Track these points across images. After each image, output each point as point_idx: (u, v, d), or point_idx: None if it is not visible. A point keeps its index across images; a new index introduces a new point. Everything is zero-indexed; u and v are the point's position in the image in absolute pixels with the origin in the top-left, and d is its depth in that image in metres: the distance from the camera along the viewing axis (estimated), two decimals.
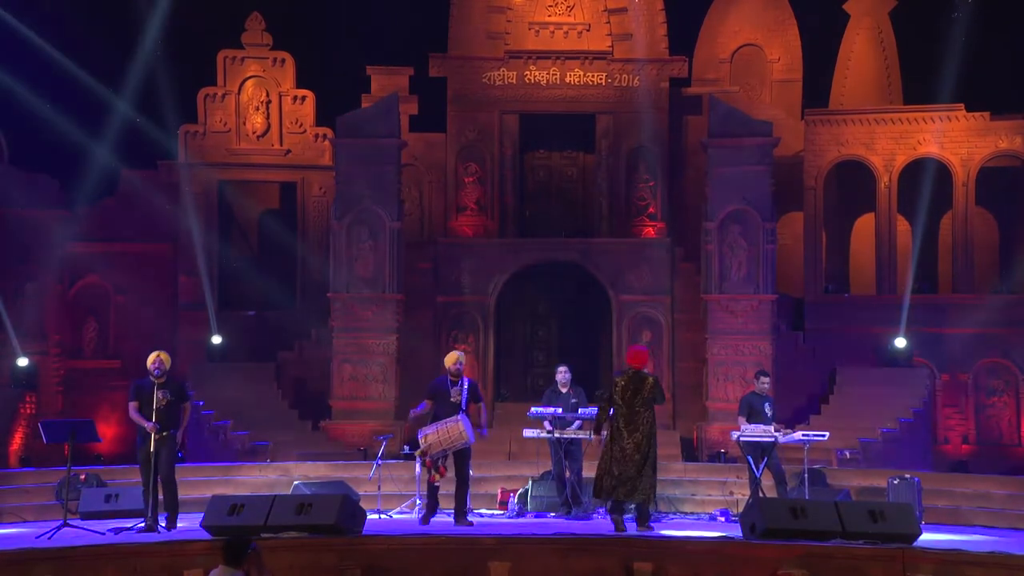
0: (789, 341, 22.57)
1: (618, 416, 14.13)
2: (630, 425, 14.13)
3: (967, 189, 23.52)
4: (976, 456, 22.26)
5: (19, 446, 21.76)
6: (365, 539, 13.35)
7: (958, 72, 22.65)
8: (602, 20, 23.94)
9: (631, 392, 14.15)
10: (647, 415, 14.16)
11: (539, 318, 23.61)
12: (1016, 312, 23.02)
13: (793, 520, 13.23)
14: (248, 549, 10.79)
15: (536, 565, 12.72)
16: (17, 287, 22.95)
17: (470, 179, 24.02)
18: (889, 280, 23.57)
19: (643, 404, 14.16)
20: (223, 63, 24.37)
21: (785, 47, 25.61)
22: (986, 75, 23.21)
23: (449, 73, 24.00)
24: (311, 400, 22.37)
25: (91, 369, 23.09)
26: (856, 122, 23.93)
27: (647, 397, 14.18)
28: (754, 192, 21.86)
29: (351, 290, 21.99)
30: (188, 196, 23.49)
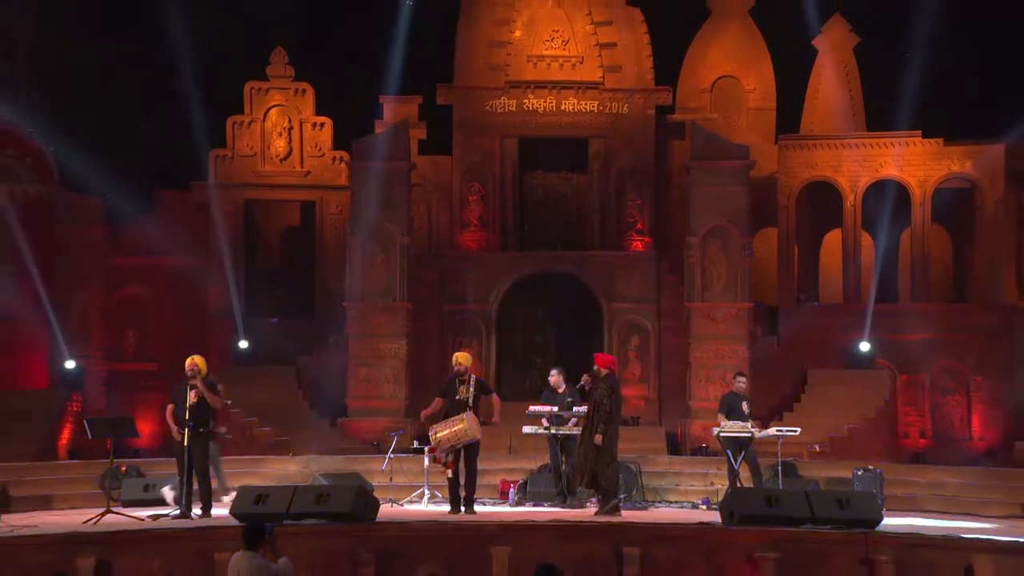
0: (764, 345, 22.62)
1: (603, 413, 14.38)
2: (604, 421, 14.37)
3: (924, 208, 23.64)
4: (932, 449, 22.34)
5: (67, 441, 21.75)
6: (378, 526, 13.40)
7: (915, 102, 22.76)
8: (594, 53, 23.97)
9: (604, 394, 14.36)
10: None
11: (537, 324, 23.58)
12: (968, 319, 23.15)
13: (768, 508, 13.34)
14: (264, 534, 10.92)
15: (534, 550, 12.69)
16: (65, 297, 22.95)
17: (474, 197, 24.04)
18: (855, 290, 23.63)
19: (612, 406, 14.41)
20: (249, 93, 24.43)
21: (760, 79, 25.66)
22: (940, 105, 23.24)
23: (455, 101, 24.08)
24: (328, 400, 22.35)
25: (130, 371, 23.14)
26: (824, 147, 24.00)
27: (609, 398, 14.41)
28: (732, 210, 21.91)
29: (365, 299, 22.03)
30: (218, 214, 23.55)
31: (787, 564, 12.60)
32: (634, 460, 17.79)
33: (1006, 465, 20.67)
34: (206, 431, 14.46)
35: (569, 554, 12.70)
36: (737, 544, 12.95)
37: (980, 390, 22.89)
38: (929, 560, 12.86)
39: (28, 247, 22.55)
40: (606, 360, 14.79)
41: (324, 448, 20.19)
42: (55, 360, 22.74)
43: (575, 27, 24.02)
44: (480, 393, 14.71)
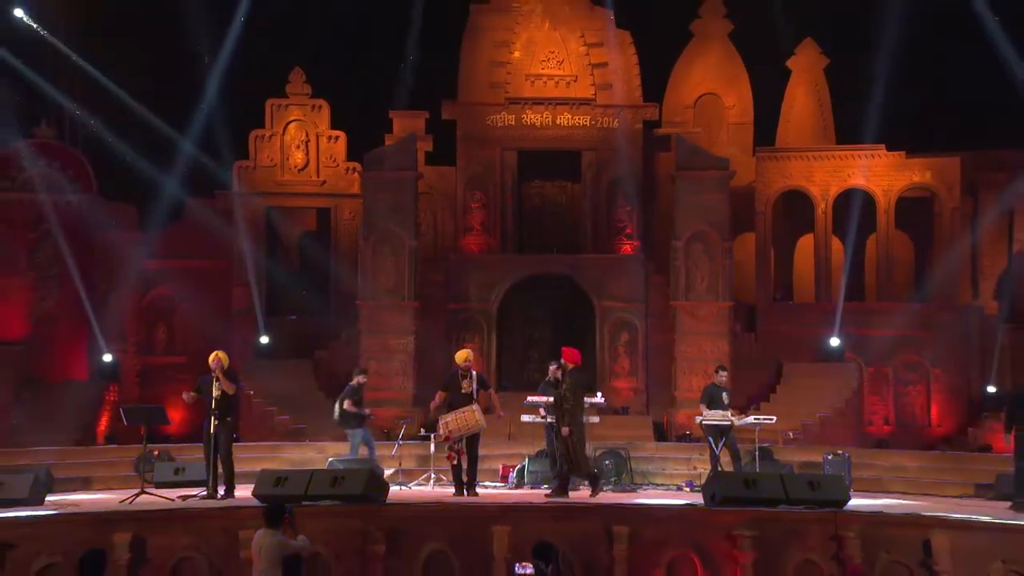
0: (743, 340, 22.67)
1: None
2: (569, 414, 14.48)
3: (888, 215, 23.72)
4: (895, 435, 22.42)
5: (105, 427, 21.90)
6: (388, 507, 13.47)
7: (880, 118, 22.78)
8: (587, 72, 23.99)
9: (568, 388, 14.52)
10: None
11: (534, 322, 23.55)
12: (928, 317, 23.18)
13: (746, 490, 13.45)
14: (284, 513, 11.04)
15: (531, 528, 12.75)
16: (103, 297, 23.08)
17: (476, 205, 24.04)
18: (826, 290, 23.67)
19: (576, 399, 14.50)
20: (270, 109, 24.48)
21: (739, 96, 25.67)
22: (903, 120, 23.28)
23: (458, 116, 24.10)
24: (342, 391, 22.33)
25: (161, 364, 23.20)
26: (798, 158, 24.09)
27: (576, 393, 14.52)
28: (714, 216, 21.99)
29: (376, 299, 22.07)
30: (241, 220, 23.56)
31: (764, 541, 12.73)
32: (623, 446, 17.90)
33: (961, 450, 20.83)
34: (232, 420, 14.59)
35: (564, 532, 12.78)
36: (718, 523, 13.03)
37: (938, 381, 22.94)
38: (891, 536, 13.03)
39: (70, 251, 22.71)
40: (573, 355, 14.79)
41: (338, 435, 20.08)
42: (94, 354, 22.89)
43: (569, 48, 24.04)
44: (480, 387, 14.83)
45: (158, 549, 12.83)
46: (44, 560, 12.56)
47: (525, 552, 11.32)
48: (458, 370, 14.90)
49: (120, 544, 12.55)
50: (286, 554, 10.24)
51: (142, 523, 12.93)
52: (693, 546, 12.97)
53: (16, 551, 12.56)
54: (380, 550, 12.80)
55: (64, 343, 23.10)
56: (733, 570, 12.79)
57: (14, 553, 12.55)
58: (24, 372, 22.46)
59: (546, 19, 24.05)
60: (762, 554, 12.70)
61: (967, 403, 22.70)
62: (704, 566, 12.90)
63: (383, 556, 12.81)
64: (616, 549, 12.82)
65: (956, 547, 12.78)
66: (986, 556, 12.72)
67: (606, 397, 18.27)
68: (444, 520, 13.32)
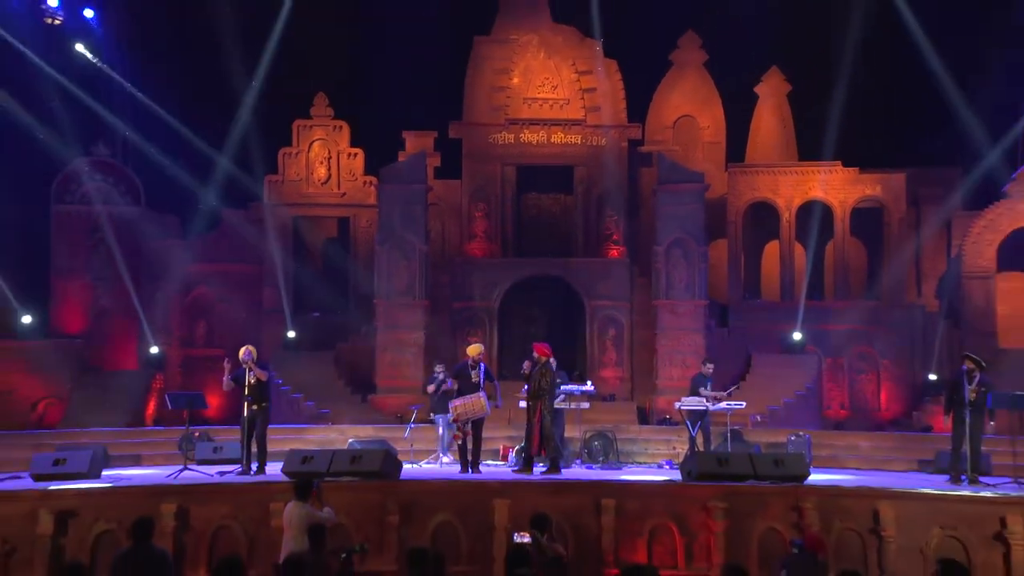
0: (717, 335, 22.71)
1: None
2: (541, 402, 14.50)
3: (843, 224, 23.79)
4: (849, 418, 22.49)
5: (152, 411, 21.98)
6: (402, 483, 13.60)
7: (837, 138, 22.81)
8: (578, 96, 24.04)
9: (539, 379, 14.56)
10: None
11: (532, 318, 23.51)
12: (878, 314, 23.24)
13: (719, 467, 13.60)
14: (312, 487, 11.16)
15: (528, 502, 12.77)
16: (150, 296, 23.18)
17: (479, 214, 24.07)
18: (789, 290, 23.71)
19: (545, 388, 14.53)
20: (297, 130, 24.54)
21: (712, 118, 25.71)
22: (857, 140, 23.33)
23: (464, 135, 24.14)
24: (360, 380, 22.41)
25: (201, 356, 23.26)
26: (765, 173, 24.12)
27: (546, 383, 14.57)
28: (691, 225, 22.05)
29: (390, 298, 22.07)
30: (270, 229, 23.64)
31: (734, 512, 12.88)
32: (610, 429, 17.96)
33: (906, 431, 20.97)
34: (266, 405, 14.67)
35: (557, 505, 12.84)
36: (694, 496, 13.16)
37: (887, 371, 22.99)
38: (845, 506, 13.17)
39: (121, 256, 22.84)
40: (543, 349, 14.83)
41: (357, 419, 20.41)
42: (142, 347, 23.00)
43: (562, 75, 24.11)
44: (486, 379, 14.94)
45: (199, 518, 12.98)
46: (101, 526, 12.73)
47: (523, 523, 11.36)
48: (468, 361, 14.98)
49: (166, 513, 12.69)
50: (313, 523, 10.31)
51: (185, 495, 13.10)
52: (672, 516, 13.10)
53: (77, 518, 12.76)
54: (395, 520, 12.94)
55: (117, 337, 23.21)
56: (707, 537, 12.94)
57: (76, 520, 12.75)
58: (83, 362, 22.55)
59: (541, 49, 24.12)
60: (732, 523, 12.84)
61: (911, 389, 22.74)
62: (681, 534, 13.05)
63: (397, 525, 12.94)
64: (604, 519, 12.94)
65: (900, 515, 12.94)
66: (926, 523, 12.88)
67: (595, 385, 18.30)
68: (451, 494, 13.41)
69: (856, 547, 12.89)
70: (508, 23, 24.28)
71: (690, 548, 12.99)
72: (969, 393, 14.34)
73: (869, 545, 12.90)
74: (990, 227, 22.47)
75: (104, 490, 13.31)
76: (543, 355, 14.71)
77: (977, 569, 11.67)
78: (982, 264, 22.53)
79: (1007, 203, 22.44)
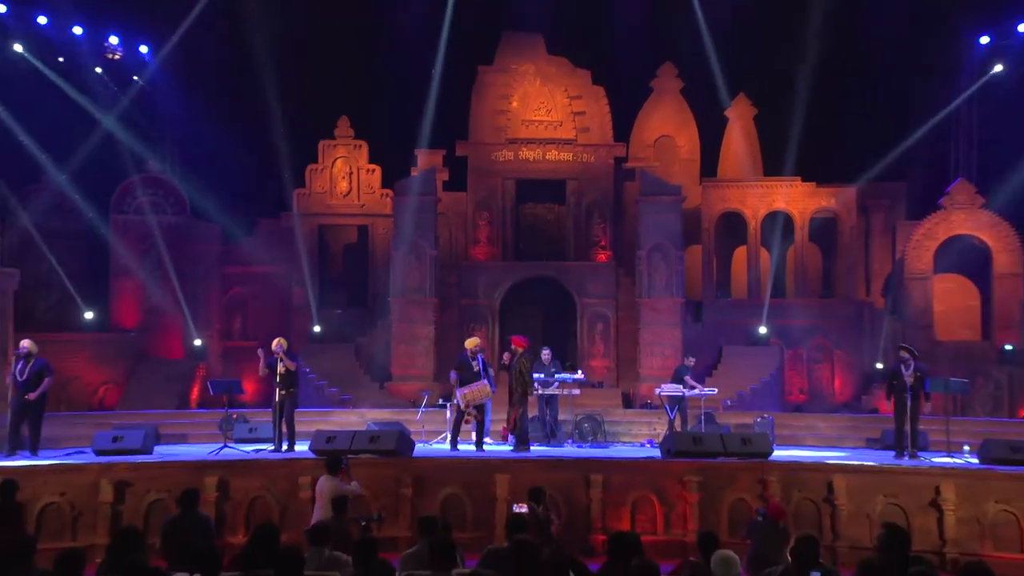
0: (692, 329, 22.74)
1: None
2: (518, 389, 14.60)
3: (803, 231, 23.81)
4: (808, 402, 22.54)
5: (196, 395, 22.01)
6: (414, 460, 13.72)
7: (796, 156, 22.92)
8: (570, 118, 24.09)
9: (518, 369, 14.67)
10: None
11: (529, 314, 23.50)
12: (832, 310, 23.27)
13: (694, 445, 13.73)
14: (342, 464, 11.26)
15: (526, 476, 12.92)
16: (194, 294, 23.19)
17: (483, 222, 24.11)
18: (756, 289, 23.74)
19: (522, 377, 14.66)
20: (322, 148, 24.55)
21: (688, 138, 25.73)
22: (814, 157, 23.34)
23: (469, 153, 24.18)
24: (378, 368, 22.42)
25: (238, 347, 23.24)
26: (734, 187, 24.13)
27: (525, 372, 14.69)
28: (669, 232, 22.07)
29: (404, 296, 22.09)
30: (299, 235, 23.65)
31: (707, 484, 13.09)
32: (598, 412, 18.11)
33: (856, 412, 21.08)
34: (294, 391, 14.74)
35: (552, 479, 12.99)
36: (672, 471, 13.31)
37: (840, 360, 23.02)
38: (803, 479, 13.30)
39: (169, 259, 22.87)
40: (521, 341, 14.90)
41: (375, 404, 20.53)
42: (187, 339, 22.99)
43: (555, 100, 24.17)
44: (485, 369, 15.03)
45: (238, 489, 13.11)
46: (153, 495, 12.86)
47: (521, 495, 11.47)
48: (467, 353, 15.08)
49: (209, 485, 12.82)
50: (338, 495, 10.42)
51: (225, 469, 13.24)
52: (653, 489, 13.26)
53: (133, 488, 12.90)
54: (408, 492, 13.10)
55: (166, 330, 23.15)
56: (683, 507, 13.10)
57: (131, 489, 12.89)
58: (137, 352, 22.58)
59: (537, 78, 24.18)
60: (705, 495, 13.02)
61: (861, 376, 22.77)
62: (661, 504, 13.23)
63: (411, 497, 13.10)
64: (592, 492, 13.11)
65: (851, 486, 13.08)
66: (872, 492, 13.03)
67: (585, 374, 18.46)
68: (458, 470, 13.54)
69: (812, 514, 13.03)
70: (508, 54, 24.36)
71: (668, 517, 13.16)
72: (907, 379, 14.49)
73: (823, 512, 13.05)
74: (928, 235, 22.53)
75: (155, 464, 13.42)
76: (519, 347, 14.76)
77: (915, 532, 11.82)
78: (921, 267, 22.55)
79: (942, 214, 22.51)
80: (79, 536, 12.44)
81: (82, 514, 12.70)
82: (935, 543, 12.45)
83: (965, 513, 12.56)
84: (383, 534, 11.67)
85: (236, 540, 12.02)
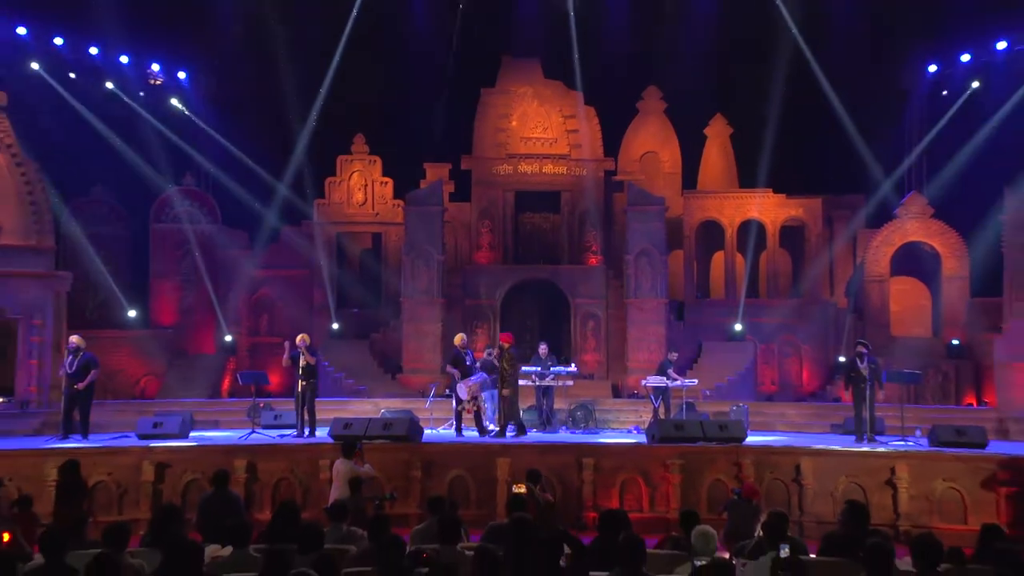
0: (675, 327, 22.74)
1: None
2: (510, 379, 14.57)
3: (774, 238, 23.82)
4: (778, 392, 22.52)
5: (227, 386, 22.10)
6: (423, 445, 13.86)
7: (768, 169, 22.92)
8: (564, 136, 24.05)
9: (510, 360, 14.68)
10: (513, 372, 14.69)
11: (527, 313, 23.53)
12: (800, 310, 23.20)
13: (676, 431, 13.84)
14: (356, 447, 11.34)
15: (524, 460, 13.01)
16: (225, 295, 23.23)
17: (485, 229, 24.05)
18: (732, 291, 23.77)
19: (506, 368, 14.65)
20: (340, 163, 24.55)
21: (671, 153, 25.71)
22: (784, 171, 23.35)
23: (473, 167, 24.14)
24: (390, 362, 22.45)
25: (264, 343, 23.24)
26: (712, 198, 24.17)
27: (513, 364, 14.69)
28: (654, 238, 22.10)
29: (414, 296, 22.10)
30: (319, 242, 23.62)
31: (688, 467, 13.24)
32: (590, 401, 18.13)
33: (821, 401, 21.18)
34: (314, 382, 14.85)
35: (547, 463, 13.12)
36: (656, 455, 13.44)
37: (807, 354, 23.01)
38: (774, 461, 13.43)
39: (203, 263, 22.99)
40: (508, 338, 14.93)
41: (388, 394, 20.52)
42: (219, 335, 23.05)
43: (551, 119, 24.14)
44: (472, 362, 15.14)
45: (264, 471, 13.24)
46: (189, 476, 12.99)
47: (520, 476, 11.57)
48: (458, 350, 15.15)
49: (239, 467, 12.96)
50: (353, 476, 10.49)
51: (253, 453, 13.39)
52: (639, 471, 13.39)
53: (171, 468, 13.04)
54: (418, 474, 13.24)
55: (199, 327, 23.26)
56: (666, 487, 13.22)
57: (170, 470, 13.04)
58: (174, 347, 22.67)
59: (535, 99, 24.15)
60: (686, 476, 13.17)
61: (826, 369, 22.77)
62: (646, 485, 13.35)
63: (420, 478, 13.24)
64: (584, 474, 13.26)
65: (816, 468, 13.22)
66: (835, 473, 13.17)
67: (578, 367, 18.56)
68: (463, 454, 13.67)
69: (782, 493, 13.17)
70: (508, 78, 24.35)
71: (653, 496, 13.29)
72: (864, 370, 14.62)
73: (792, 491, 13.19)
74: (885, 241, 22.63)
75: (191, 447, 13.56)
76: (506, 343, 14.78)
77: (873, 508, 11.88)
78: (879, 271, 22.63)
79: (897, 222, 22.63)
80: (124, 511, 12.58)
81: (127, 492, 12.85)
82: (890, 517, 12.67)
83: (916, 490, 12.80)
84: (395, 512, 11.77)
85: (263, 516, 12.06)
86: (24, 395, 17.35)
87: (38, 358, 17.54)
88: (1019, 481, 12.53)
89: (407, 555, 6.16)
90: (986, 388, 20.17)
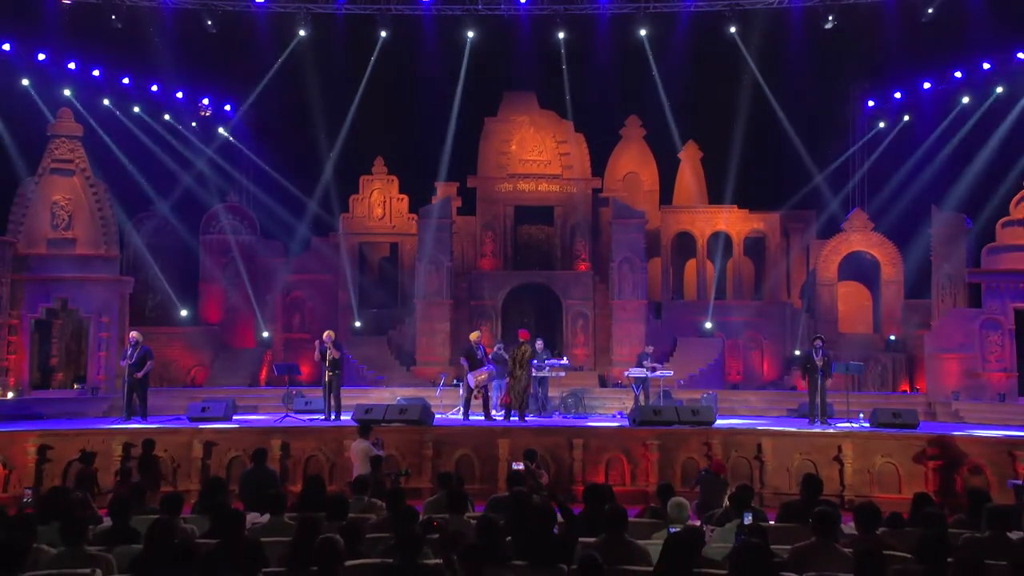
0: (653, 324, 22.68)
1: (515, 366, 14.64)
2: (519, 371, 14.61)
3: (739, 248, 23.85)
4: (744, 381, 22.50)
5: (264, 376, 22.04)
6: (434, 428, 13.87)
7: (734, 188, 23.02)
8: (557, 158, 24.05)
9: (520, 355, 14.71)
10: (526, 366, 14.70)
11: (525, 312, 23.47)
12: (762, 309, 23.16)
13: (654, 416, 13.86)
14: (371, 429, 11.38)
15: (522, 440, 13.03)
16: (263, 297, 23.24)
17: (488, 239, 23.99)
18: (703, 293, 23.75)
19: (523, 362, 14.67)
20: (362, 182, 24.48)
21: (649, 173, 25.71)
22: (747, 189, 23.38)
23: (478, 185, 24.12)
24: (405, 355, 22.40)
25: (297, 338, 23.19)
26: (686, 212, 24.17)
27: (526, 358, 14.71)
28: (635, 247, 22.05)
29: (426, 298, 22.05)
30: (344, 250, 23.56)
31: (664, 447, 13.30)
32: (580, 390, 18.13)
33: (779, 388, 21.21)
34: (340, 372, 14.89)
35: (542, 443, 13.19)
36: (637, 436, 13.48)
37: (767, 348, 22.97)
38: (739, 442, 13.48)
39: (244, 269, 23.02)
40: (525, 334, 15.20)
41: (403, 383, 20.56)
42: (257, 332, 23.06)
43: (546, 144, 24.13)
44: (483, 356, 15.16)
45: (296, 449, 13.29)
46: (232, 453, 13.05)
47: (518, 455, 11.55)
48: (471, 345, 15.19)
49: (275, 445, 13.02)
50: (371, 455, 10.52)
51: (287, 434, 13.44)
52: (622, 450, 13.44)
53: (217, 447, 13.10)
54: (429, 453, 13.26)
55: (241, 324, 23.23)
56: (646, 465, 13.25)
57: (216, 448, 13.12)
58: (219, 342, 22.68)
59: (532, 126, 24.15)
60: (663, 454, 13.21)
61: (783, 360, 22.75)
62: (629, 462, 13.39)
63: (431, 457, 13.26)
64: (575, 453, 13.29)
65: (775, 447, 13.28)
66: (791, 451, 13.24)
67: (569, 360, 18.53)
68: (469, 435, 13.68)
69: (746, 469, 13.22)
70: (508, 108, 24.37)
71: (635, 472, 13.33)
72: (818, 362, 14.69)
73: (754, 467, 13.25)
74: (833, 251, 22.75)
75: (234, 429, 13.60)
76: (524, 338, 14.88)
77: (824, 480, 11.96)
78: (828, 276, 22.72)
79: (844, 235, 22.79)
80: (178, 483, 12.64)
81: (180, 466, 12.92)
82: (837, 488, 12.84)
83: (859, 465, 13.00)
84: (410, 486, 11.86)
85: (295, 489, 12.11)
86: (94, 382, 17.83)
87: (106, 350, 17.95)
88: (945, 456, 12.86)
89: (420, 523, 6.20)
90: (918, 377, 20.39)
